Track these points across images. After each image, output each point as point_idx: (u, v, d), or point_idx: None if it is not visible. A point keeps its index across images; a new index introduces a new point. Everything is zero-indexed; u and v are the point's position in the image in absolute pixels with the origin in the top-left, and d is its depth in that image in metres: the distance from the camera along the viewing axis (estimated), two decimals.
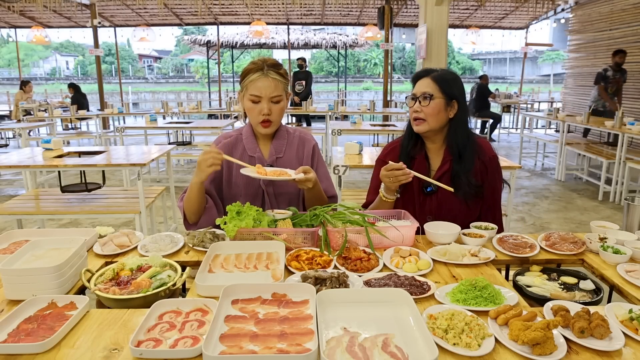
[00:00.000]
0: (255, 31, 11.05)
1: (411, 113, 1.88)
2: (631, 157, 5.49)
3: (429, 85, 1.85)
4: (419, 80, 1.89)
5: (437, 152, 1.94)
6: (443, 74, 1.87)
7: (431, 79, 1.85)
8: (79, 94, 10.65)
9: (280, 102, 1.82)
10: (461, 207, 1.88)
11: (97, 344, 1.03)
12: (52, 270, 1.23)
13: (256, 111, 1.80)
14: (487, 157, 1.90)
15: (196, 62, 39.13)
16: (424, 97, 1.83)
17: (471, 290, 1.21)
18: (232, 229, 1.56)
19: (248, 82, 1.79)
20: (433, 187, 1.87)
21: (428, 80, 1.86)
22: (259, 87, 1.76)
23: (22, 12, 11.80)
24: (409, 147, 1.95)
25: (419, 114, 1.85)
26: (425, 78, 1.87)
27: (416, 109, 1.85)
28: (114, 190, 4.18)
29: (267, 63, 1.79)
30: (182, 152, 7.68)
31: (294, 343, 1.00)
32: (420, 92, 1.84)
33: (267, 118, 1.81)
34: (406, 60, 37.69)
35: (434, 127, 1.86)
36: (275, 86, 1.78)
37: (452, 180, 1.87)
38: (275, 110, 1.81)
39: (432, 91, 1.83)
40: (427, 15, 6.85)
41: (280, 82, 1.79)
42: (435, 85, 1.84)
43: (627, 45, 7.82)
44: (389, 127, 6.65)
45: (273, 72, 1.78)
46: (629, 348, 1.02)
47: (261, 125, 1.84)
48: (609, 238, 1.62)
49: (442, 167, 1.90)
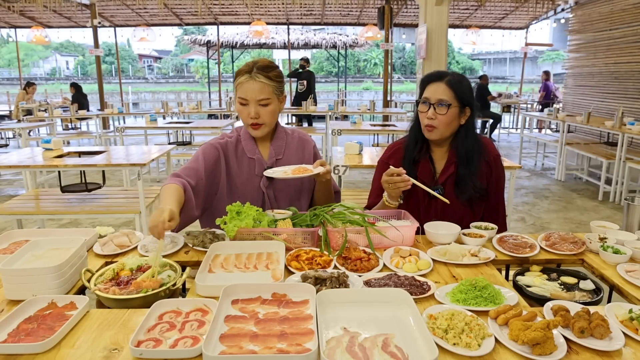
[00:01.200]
0: (255, 31, 11.06)
1: (422, 119, 1.81)
2: (631, 157, 5.49)
3: (445, 92, 1.77)
4: (430, 84, 1.81)
5: (442, 155, 1.91)
6: (458, 79, 1.80)
7: (447, 85, 1.77)
8: (80, 94, 10.66)
9: (270, 105, 1.78)
10: (465, 210, 1.87)
11: (97, 344, 1.03)
12: (52, 270, 1.23)
13: (245, 114, 1.79)
14: (491, 157, 1.89)
15: (196, 62, 39.12)
16: (440, 104, 1.76)
17: (471, 290, 1.21)
18: (232, 229, 1.56)
19: (237, 85, 1.78)
20: (438, 190, 1.85)
21: (443, 86, 1.77)
22: (245, 90, 1.75)
23: (22, 12, 11.80)
24: (414, 151, 1.90)
25: (432, 122, 1.78)
26: (439, 83, 1.78)
27: (431, 116, 1.78)
28: (114, 190, 4.18)
29: (257, 65, 1.75)
30: (182, 152, 7.68)
31: (294, 343, 1.00)
32: (436, 99, 1.77)
33: (255, 121, 1.79)
34: (406, 60, 37.68)
35: (445, 135, 1.83)
36: (261, 89, 1.74)
37: (456, 184, 1.85)
38: (263, 114, 1.78)
39: (449, 99, 1.76)
40: (427, 15, 6.85)
41: (268, 85, 1.75)
42: (452, 92, 1.77)
43: (627, 45, 7.82)
44: (389, 127, 6.65)
45: (261, 75, 1.74)
46: (629, 348, 1.02)
47: (251, 128, 1.83)
48: (609, 238, 1.62)
49: (446, 171, 1.88)
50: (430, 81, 1.82)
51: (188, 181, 1.74)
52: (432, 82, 1.81)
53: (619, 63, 8.03)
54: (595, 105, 8.60)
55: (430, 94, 1.79)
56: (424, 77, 1.86)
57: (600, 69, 8.59)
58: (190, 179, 1.75)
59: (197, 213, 1.80)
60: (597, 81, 8.74)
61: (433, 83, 1.80)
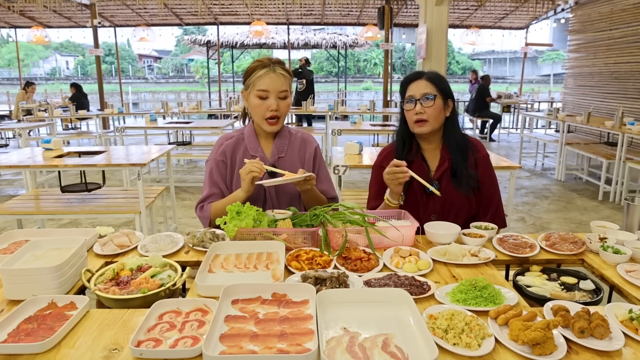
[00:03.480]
0: (255, 31, 11.05)
1: (411, 116, 1.88)
2: (631, 157, 5.49)
3: (427, 86, 1.85)
4: (411, 83, 1.88)
5: (433, 152, 1.96)
6: (436, 74, 1.89)
7: (427, 80, 1.86)
8: (80, 94, 10.65)
9: (287, 99, 1.84)
10: (463, 203, 1.91)
11: (97, 344, 1.03)
12: (52, 270, 1.23)
13: (264, 107, 1.81)
14: (480, 155, 1.95)
15: (196, 62, 39.11)
16: (426, 97, 1.83)
17: (471, 290, 1.21)
18: (232, 229, 1.56)
19: (255, 79, 1.80)
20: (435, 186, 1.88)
21: (424, 82, 1.86)
22: (267, 82, 1.78)
23: (22, 12, 11.80)
24: (404, 152, 1.95)
25: (421, 116, 1.85)
26: (421, 80, 1.87)
27: (419, 111, 1.85)
28: (114, 190, 4.18)
29: (272, 60, 1.82)
30: (182, 152, 7.68)
31: (294, 343, 0.99)
32: (421, 94, 1.84)
33: (275, 114, 1.82)
34: (406, 60, 37.67)
35: (435, 127, 1.88)
36: (282, 81, 1.80)
37: (453, 175, 1.90)
38: (282, 106, 1.83)
39: (433, 91, 1.84)
40: (427, 15, 6.85)
41: (287, 78, 1.83)
42: (433, 85, 1.85)
43: (627, 45, 7.82)
44: (389, 127, 6.65)
45: (279, 67, 1.81)
46: (629, 348, 1.02)
47: (267, 123, 1.85)
48: (609, 238, 1.62)
49: (440, 167, 1.93)
50: (410, 80, 1.90)
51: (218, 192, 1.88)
52: (413, 81, 1.89)
53: (619, 63, 8.03)
54: (595, 105, 8.60)
55: (413, 91, 1.87)
56: (403, 79, 1.94)
57: (600, 69, 8.59)
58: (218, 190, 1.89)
59: None
60: (597, 81, 8.75)
61: (414, 82, 1.88)
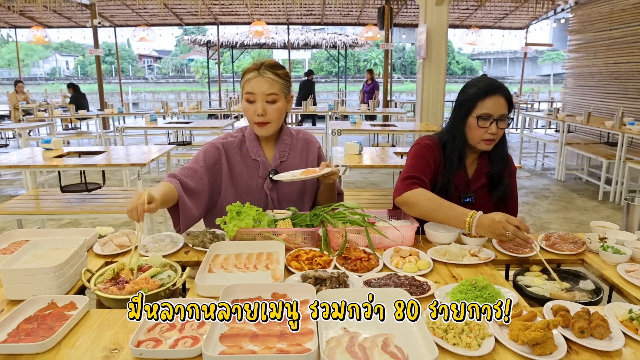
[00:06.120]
0: (255, 31, 11.06)
1: (481, 134, 1.73)
2: (631, 157, 5.49)
3: (505, 106, 1.72)
4: (488, 97, 1.71)
5: (472, 163, 1.91)
6: (509, 91, 1.77)
7: (504, 98, 1.72)
8: (78, 94, 10.65)
9: (277, 103, 1.77)
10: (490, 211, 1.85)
11: (97, 344, 1.03)
12: (52, 270, 1.23)
13: (251, 111, 1.77)
14: (513, 167, 1.95)
15: (196, 62, 39.13)
16: (502, 119, 1.72)
17: (471, 290, 1.21)
18: (232, 229, 1.56)
19: (244, 82, 1.78)
20: (471, 198, 1.87)
21: (503, 100, 1.72)
22: (253, 85, 1.74)
23: (22, 12, 11.80)
24: (455, 163, 1.83)
25: (494, 136, 1.74)
26: (500, 97, 1.72)
27: (494, 132, 1.72)
28: (114, 190, 4.18)
29: (264, 64, 1.77)
30: (182, 152, 7.68)
31: (294, 343, 0.99)
32: (500, 114, 1.71)
33: (262, 119, 1.77)
34: (406, 60, 37.70)
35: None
36: (269, 85, 1.74)
37: (490, 188, 1.89)
38: (270, 111, 1.76)
39: (507, 112, 1.73)
40: (427, 15, 6.85)
41: (276, 81, 1.75)
42: (507, 104, 1.73)
43: (627, 45, 7.81)
44: (389, 127, 6.65)
45: (269, 72, 1.75)
46: (629, 348, 1.02)
47: (257, 126, 1.80)
48: (609, 238, 1.62)
49: (479, 176, 1.89)
50: (486, 93, 1.72)
51: (184, 181, 1.74)
52: (490, 94, 1.71)
53: (619, 63, 8.03)
54: (595, 105, 8.60)
55: (491, 109, 1.71)
56: (480, 88, 1.73)
57: (600, 69, 8.59)
58: (187, 179, 1.75)
59: (197, 213, 1.79)
60: (597, 81, 8.74)
61: (491, 97, 1.71)
